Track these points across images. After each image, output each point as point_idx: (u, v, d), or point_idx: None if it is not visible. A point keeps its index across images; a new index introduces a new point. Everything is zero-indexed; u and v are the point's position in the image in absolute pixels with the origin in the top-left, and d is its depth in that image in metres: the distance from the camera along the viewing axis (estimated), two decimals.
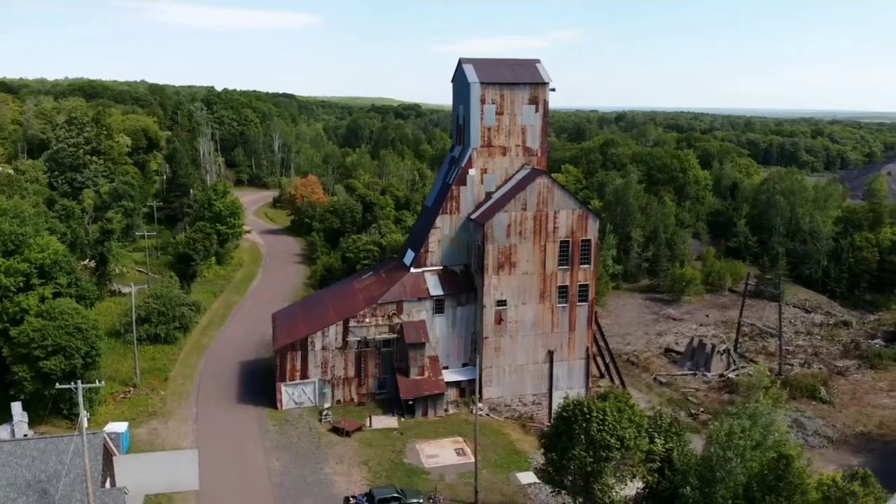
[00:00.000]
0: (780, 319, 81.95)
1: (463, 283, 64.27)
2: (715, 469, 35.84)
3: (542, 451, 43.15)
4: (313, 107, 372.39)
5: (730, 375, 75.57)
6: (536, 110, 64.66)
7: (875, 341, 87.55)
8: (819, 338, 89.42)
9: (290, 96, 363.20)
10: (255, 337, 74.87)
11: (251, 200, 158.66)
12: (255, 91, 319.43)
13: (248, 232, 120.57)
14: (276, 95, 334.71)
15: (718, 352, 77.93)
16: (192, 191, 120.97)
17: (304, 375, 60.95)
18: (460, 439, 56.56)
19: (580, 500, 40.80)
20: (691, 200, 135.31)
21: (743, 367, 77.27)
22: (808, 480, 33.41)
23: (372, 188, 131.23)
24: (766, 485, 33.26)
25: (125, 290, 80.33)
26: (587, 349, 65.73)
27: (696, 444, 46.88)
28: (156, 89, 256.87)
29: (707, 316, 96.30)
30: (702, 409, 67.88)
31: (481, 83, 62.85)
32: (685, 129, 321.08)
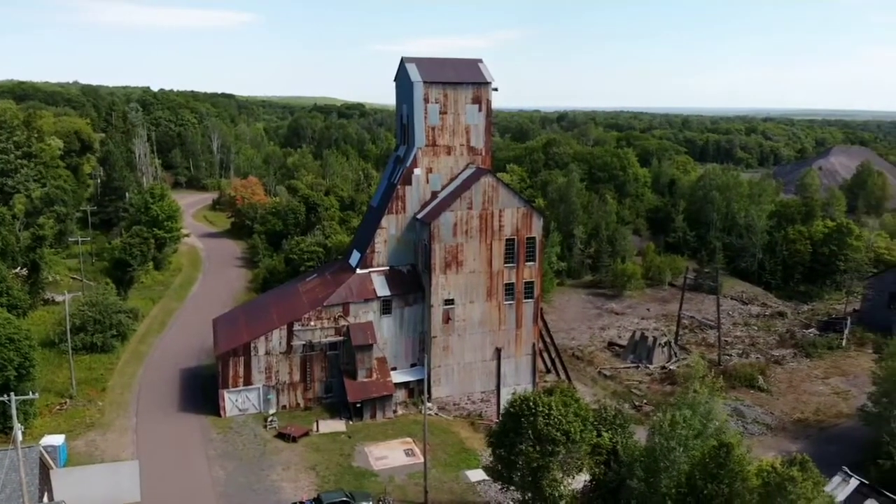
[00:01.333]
0: (718, 311, 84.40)
1: (410, 282, 64.02)
2: (659, 459, 36.54)
3: (491, 448, 43.31)
4: (253, 107, 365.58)
5: (671, 367, 77.46)
6: (480, 110, 64.89)
7: (809, 331, 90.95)
8: (756, 328, 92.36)
9: (230, 96, 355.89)
10: (196, 343, 73.03)
11: (190, 203, 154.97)
12: (192, 91, 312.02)
13: (187, 235, 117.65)
14: (214, 95, 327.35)
15: (660, 344, 79.77)
16: (127, 194, 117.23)
17: (248, 381, 59.68)
18: (409, 440, 56.35)
19: (529, 495, 41.09)
20: (631, 198, 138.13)
21: (683, 359, 79.27)
22: (748, 467, 34.24)
23: (315, 189, 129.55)
24: (708, 473, 34.01)
25: (59, 298, 77.35)
26: (534, 345, 66.35)
27: (640, 435, 47.80)
28: (89, 90, 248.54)
29: (648, 310, 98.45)
30: (645, 401, 69.32)
31: (424, 82, 62.70)
32: (624, 128, 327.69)
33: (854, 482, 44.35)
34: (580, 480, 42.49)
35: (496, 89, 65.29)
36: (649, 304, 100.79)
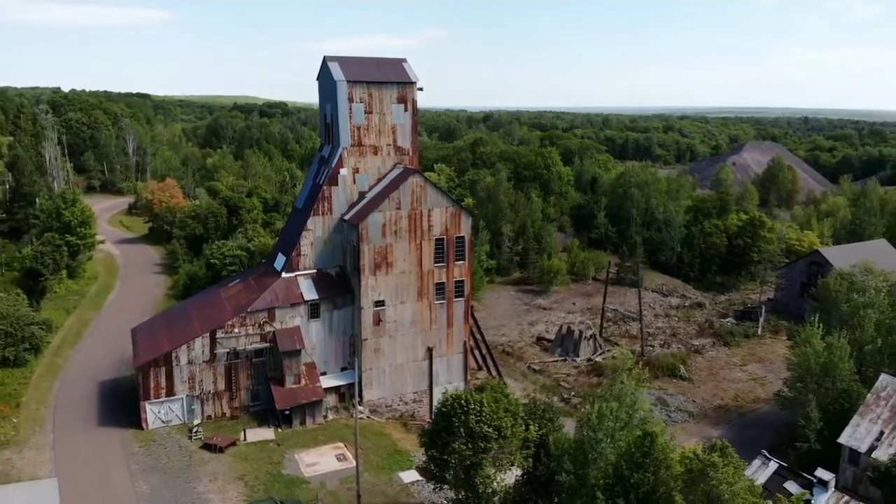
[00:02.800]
0: (640, 304, 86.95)
1: (339, 285, 63.16)
2: (587, 451, 37.25)
3: (424, 448, 43.20)
4: (170, 107, 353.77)
5: (597, 359, 79.30)
6: (405, 109, 64.64)
7: (727, 320, 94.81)
8: (676, 319, 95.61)
9: (145, 96, 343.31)
10: (115, 354, 69.98)
11: (104, 208, 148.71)
12: (105, 92, 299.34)
13: (102, 242, 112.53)
14: (129, 95, 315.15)
15: (585, 337, 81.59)
16: (37, 200, 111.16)
17: (170, 392, 57.59)
18: (341, 445, 55.65)
19: (462, 493, 41.19)
20: (556, 196, 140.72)
21: (608, 351, 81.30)
22: (672, 455, 35.30)
23: (237, 190, 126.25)
24: (634, 462, 34.88)
25: None
26: (465, 343, 66.65)
27: (569, 426, 48.73)
28: None
29: (574, 304, 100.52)
30: (573, 393, 70.71)
31: (348, 81, 61.96)
32: (548, 127, 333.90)
33: (773, 465, 46.50)
34: (512, 475, 42.89)
35: (421, 89, 65.18)
36: (575, 299, 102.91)
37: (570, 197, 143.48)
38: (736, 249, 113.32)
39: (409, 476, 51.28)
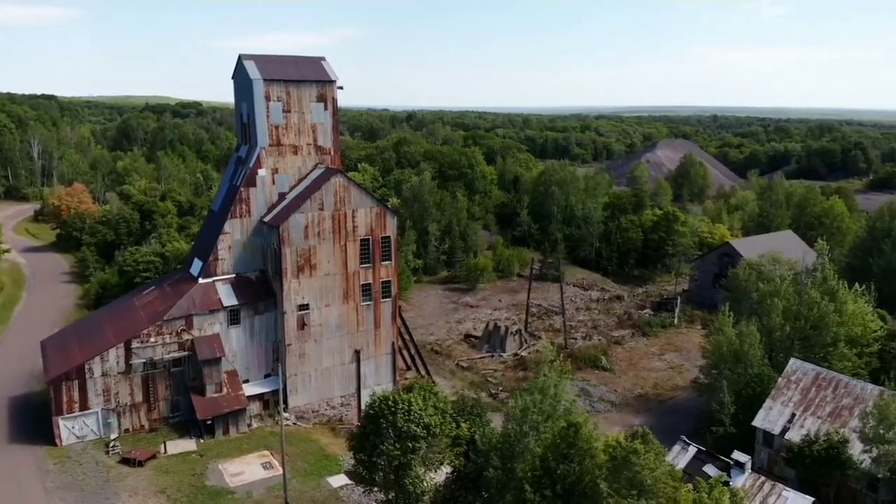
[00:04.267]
0: (562, 298, 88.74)
1: (260, 290, 61.59)
2: (514, 445, 37.64)
3: (352, 451, 42.70)
4: (78, 108, 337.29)
5: (523, 354, 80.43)
6: (325, 108, 63.68)
7: (644, 311, 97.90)
8: (597, 312, 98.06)
9: (51, 97, 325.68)
10: (25, 369, 66.16)
11: (9, 215, 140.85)
12: (8, 93, 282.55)
13: (7, 251, 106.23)
14: (33, 97, 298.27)
15: (511, 333, 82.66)
16: None
17: (85, 406, 54.84)
18: (267, 453, 54.33)
19: (392, 494, 40.93)
20: (480, 194, 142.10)
21: (534, 345, 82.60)
22: (596, 444, 36.05)
23: (150, 194, 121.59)
24: (560, 453, 35.47)
25: None
26: (393, 344, 66.23)
27: (498, 421, 49.15)
28: None
29: (500, 301, 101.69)
30: (500, 388, 71.46)
31: (265, 80, 60.49)
32: (470, 127, 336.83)
33: (692, 449, 48.23)
34: (442, 473, 42.92)
35: (341, 87, 64.35)
36: (501, 296, 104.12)
37: (493, 195, 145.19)
38: (651, 243, 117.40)
39: (338, 480, 50.61)
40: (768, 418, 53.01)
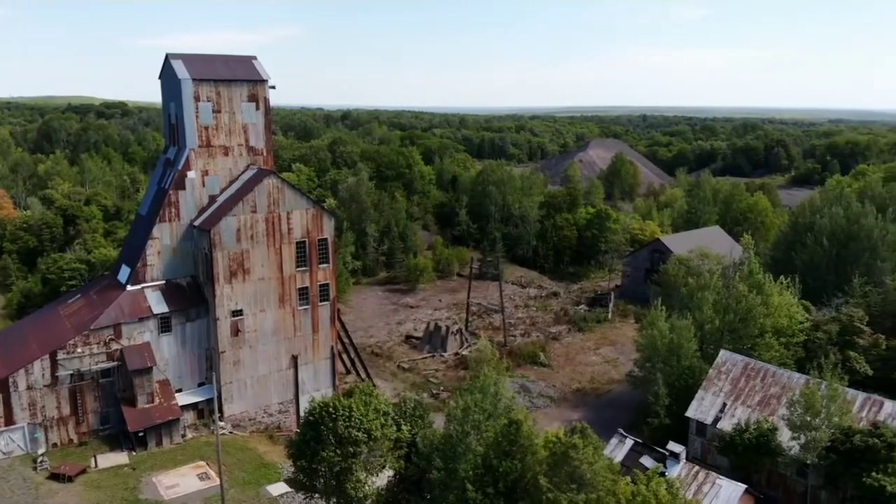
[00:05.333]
0: (501, 296, 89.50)
1: (191, 296, 59.78)
2: (456, 446, 37.61)
3: (292, 459, 41.88)
4: None
5: (463, 353, 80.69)
6: (257, 108, 62.33)
7: (580, 307, 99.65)
8: (535, 309, 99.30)
9: None
10: None
11: None
12: None
13: None
14: None
15: (452, 332, 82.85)
16: None
17: (10, 421, 52.24)
18: (203, 463, 52.81)
19: (333, 500, 40.34)
20: (419, 195, 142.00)
21: (474, 344, 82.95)
22: (536, 440, 36.42)
23: (74, 198, 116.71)
24: (502, 451, 35.66)
25: None
26: (332, 348, 65.32)
27: (440, 421, 49.07)
28: None
29: (440, 300, 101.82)
30: (442, 388, 71.51)
31: (193, 80, 58.79)
32: (407, 127, 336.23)
33: (629, 442, 49.29)
34: (384, 477, 42.55)
35: (273, 87, 63.15)
36: (441, 295, 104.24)
37: (432, 195, 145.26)
38: (586, 241, 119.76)
39: (278, 489, 49.58)
40: (701, 409, 54.61)
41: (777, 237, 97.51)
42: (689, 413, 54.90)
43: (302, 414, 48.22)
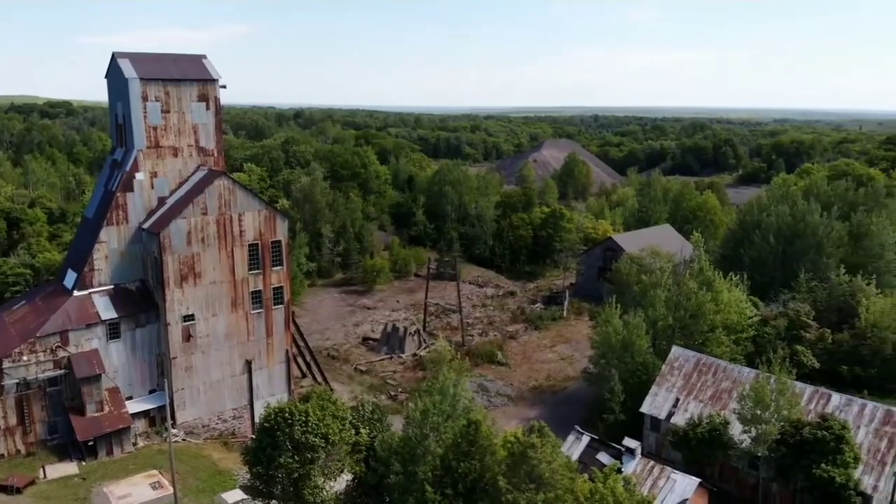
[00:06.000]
0: (458, 296, 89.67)
1: (141, 301, 58.23)
2: (414, 448, 37.44)
3: (248, 466, 41.13)
4: None
5: (421, 353, 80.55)
6: (207, 108, 61.05)
7: (536, 305, 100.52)
8: (492, 308, 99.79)
9: None
10: None
11: None
12: None
13: None
14: None
15: (410, 333, 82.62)
16: None
17: None
18: (155, 472, 51.49)
19: None
20: (375, 195, 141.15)
21: (432, 344, 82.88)
22: (495, 440, 36.51)
23: (17, 201, 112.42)
24: (461, 452, 35.62)
25: None
26: (287, 352, 64.41)
27: (399, 423, 48.83)
28: None
29: (398, 301, 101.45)
30: (400, 390, 71.25)
31: (141, 79, 57.25)
32: (362, 126, 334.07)
33: (586, 438, 49.82)
34: (342, 482, 42.13)
35: (224, 86, 61.95)
36: (398, 296, 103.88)
37: (388, 195, 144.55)
38: (541, 240, 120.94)
39: (234, 496, 48.60)
40: (654, 404, 55.61)
41: (726, 235, 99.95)
42: (644, 409, 55.86)
43: (257, 419, 47.37)
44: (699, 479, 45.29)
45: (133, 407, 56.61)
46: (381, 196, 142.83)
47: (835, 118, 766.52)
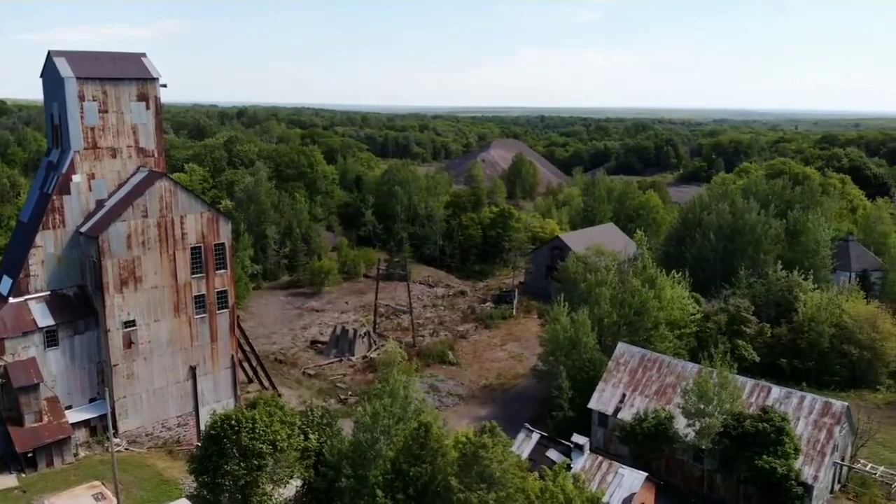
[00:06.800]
0: (409, 297, 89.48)
1: (79, 307, 56.24)
2: (365, 452, 37.20)
3: (194, 475, 40.20)
4: None
5: (372, 355, 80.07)
6: (147, 107, 59.34)
7: (486, 304, 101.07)
8: (443, 308, 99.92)
9: None
10: None
11: None
12: None
13: None
14: None
15: (360, 335, 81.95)
16: None
17: None
18: (98, 483, 49.86)
19: None
20: (322, 195, 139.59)
21: (382, 346, 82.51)
22: (446, 442, 36.57)
23: None
24: (412, 455, 35.58)
25: None
26: (232, 357, 63.14)
27: (349, 427, 48.42)
28: None
29: (347, 303, 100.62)
30: (350, 393, 70.63)
31: (78, 78, 55.29)
32: (308, 125, 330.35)
33: (536, 436, 50.32)
34: (292, 488, 41.58)
35: (165, 85, 60.36)
36: (348, 298, 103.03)
37: (336, 196, 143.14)
38: (490, 239, 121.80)
39: None
40: (602, 400, 56.60)
41: (668, 233, 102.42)
42: (591, 404, 56.78)
43: (202, 427, 46.28)
44: (646, 474, 46.24)
45: (73, 416, 54.70)
46: (328, 196, 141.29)
47: (771, 118, 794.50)
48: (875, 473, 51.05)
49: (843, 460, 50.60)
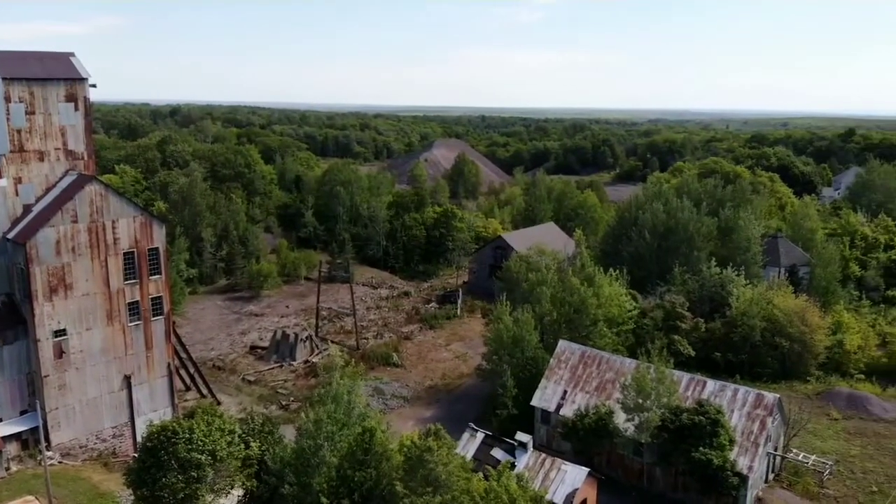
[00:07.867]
0: (352, 299, 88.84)
1: (7, 316, 53.76)
2: (309, 459, 36.81)
3: (131, 488, 38.98)
4: None
5: (314, 360, 79.15)
6: (76, 108, 57.16)
7: (430, 305, 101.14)
8: (387, 310, 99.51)
9: None
10: None
11: None
12: None
13: None
14: None
15: (301, 339, 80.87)
16: None
17: None
18: (31, 498, 47.82)
19: None
20: (260, 196, 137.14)
21: (325, 350, 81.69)
22: (391, 446, 36.49)
23: None
24: (356, 460, 35.39)
25: None
26: (168, 365, 61.42)
27: (291, 433, 47.76)
28: None
29: (287, 307, 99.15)
30: (292, 399, 69.63)
31: (3, 79, 52.83)
32: (244, 124, 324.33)
33: (480, 435, 50.66)
34: (233, 497, 40.79)
35: (94, 85, 58.24)
36: (288, 301, 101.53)
37: (274, 196, 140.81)
38: (434, 239, 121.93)
39: None
40: (544, 397, 57.43)
41: (605, 231, 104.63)
42: (534, 402, 57.56)
43: (139, 437, 44.89)
44: (588, 469, 47.13)
45: (3, 430, 52.38)
46: (266, 197, 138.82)
47: (704, 118, 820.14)
48: (807, 462, 53.19)
49: (776, 450, 52.61)
